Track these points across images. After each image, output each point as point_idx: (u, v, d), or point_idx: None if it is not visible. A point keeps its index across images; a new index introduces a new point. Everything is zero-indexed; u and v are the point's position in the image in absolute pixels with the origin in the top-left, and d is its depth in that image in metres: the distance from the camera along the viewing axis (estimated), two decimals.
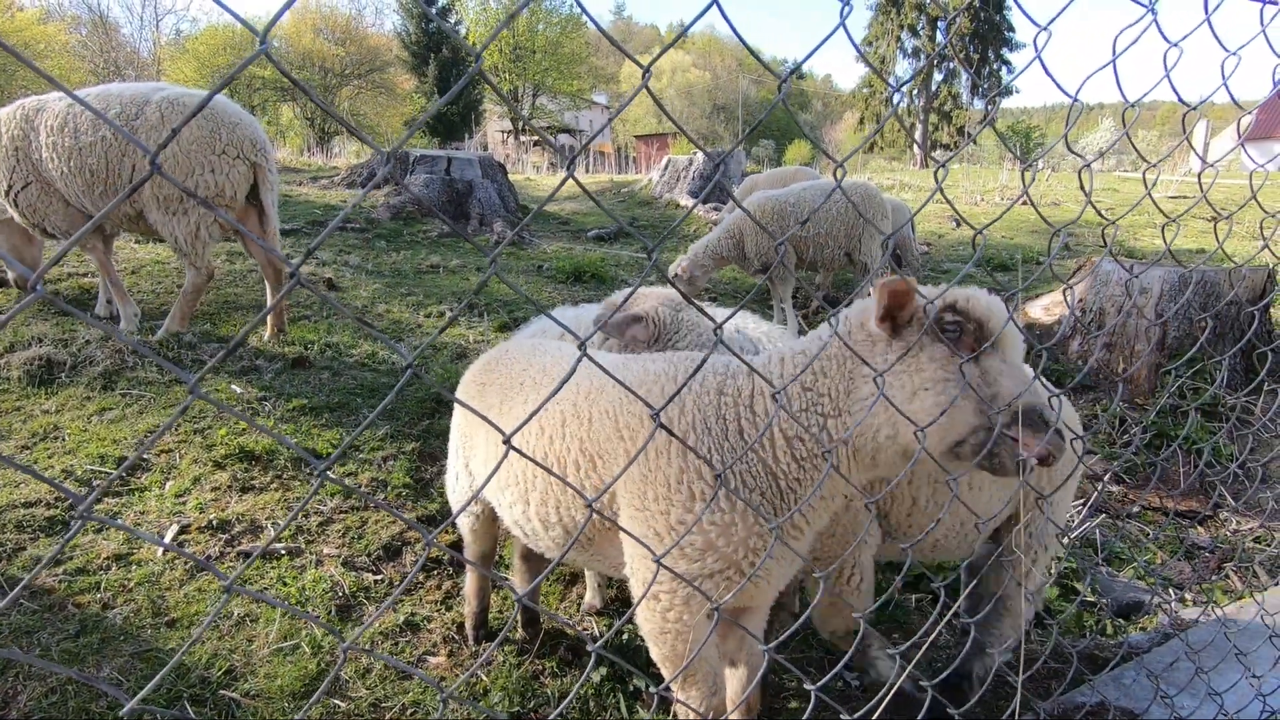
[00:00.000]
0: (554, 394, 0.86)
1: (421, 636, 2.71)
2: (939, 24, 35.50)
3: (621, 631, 2.66)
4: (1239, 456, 4.51)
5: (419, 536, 3.20)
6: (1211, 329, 4.46)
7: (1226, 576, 3.70)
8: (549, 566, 1.07)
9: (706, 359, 1.13)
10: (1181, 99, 1.19)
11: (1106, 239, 1.29)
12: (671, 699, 1.78)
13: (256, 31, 0.60)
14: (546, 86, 40.49)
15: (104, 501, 3.23)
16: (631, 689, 2.47)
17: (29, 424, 3.74)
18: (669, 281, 1.26)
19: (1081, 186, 1.08)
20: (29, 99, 4.65)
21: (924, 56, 36.49)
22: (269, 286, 4.99)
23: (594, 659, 0.88)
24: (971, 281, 7.99)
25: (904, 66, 37.75)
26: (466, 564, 1.23)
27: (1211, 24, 1.11)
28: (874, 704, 1.51)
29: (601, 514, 0.99)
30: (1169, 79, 1.11)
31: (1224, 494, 4.28)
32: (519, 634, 2.71)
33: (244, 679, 2.40)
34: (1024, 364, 1.52)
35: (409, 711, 2.36)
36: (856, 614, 1.26)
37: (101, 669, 2.37)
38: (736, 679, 1.94)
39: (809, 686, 1.21)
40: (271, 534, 3.13)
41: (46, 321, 4.83)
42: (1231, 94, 1.18)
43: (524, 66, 39.38)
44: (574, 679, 2.55)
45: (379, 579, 2.96)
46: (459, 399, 0.87)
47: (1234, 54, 1.21)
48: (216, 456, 3.58)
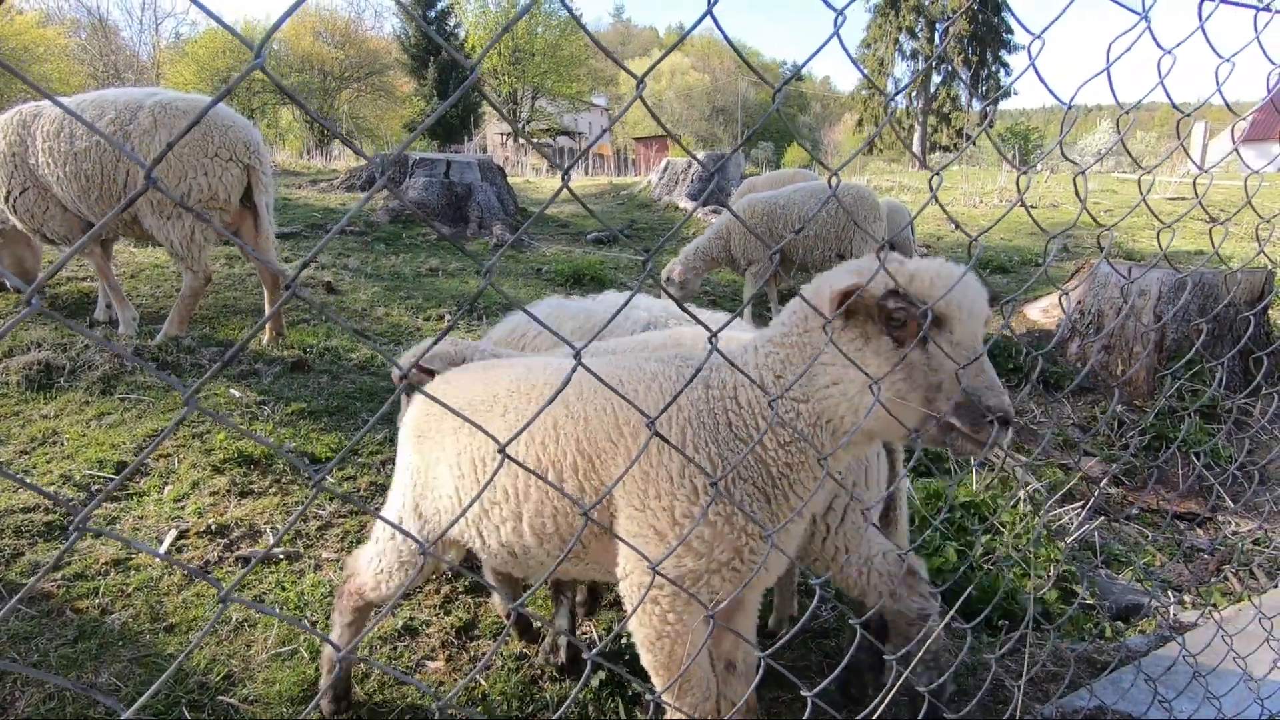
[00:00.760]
0: (550, 401, 0.86)
1: (420, 641, 2.71)
2: (937, 26, 35.57)
3: (620, 636, 2.65)
4: (1237, 458, 4.51)
5: None
6: (1209, 332, 4.49)
7: (1225, 579, 3.70)
8: (543, 575, 1.06)
9: (703, 365, 1.12)
10: (1176, 105, 1.19)
11: (1103, 244, 1.29)
12: (665, 706, 1.76)
13: (251, 45, 0.61)
14: (545, 89, 40.54)
15: (103, 506, 3.23)
16: (630, 693, 2.47)
17: (28, 429, 3.74)
18: (661, 287, 1.27)
19: (1077, 193, 1.08)
20: (27, 105, 4.66)
21: (922, 59, 36.55)
22: (266, 291, 4.99)
23: (589, 665, 0.88)
24: None
25: (902, 69, 37.81)
26: (328, 641, 1.19)
27: (1205, 31, 1.12)
28: (871, 708, 1.51)
29: (596, 521, 0.98)
30: (1164, 86, 1.11)
31: (1222, 496, 4.28)
32: (519, 645, 2.70)
33: (242, 684, 2.39)
34: (979, 335, 1.44)
35: (408, 716, 2.36)
36: (854, 620, 1.26)
37: (100, 674, 2.37)
38: (733, 680, 1.93)
39: (805, 693, 1.22)
40: (270, 539, 3.13)
41: (45, 326, 4.83)
42: (1226, 101, 1.18)
43: (523, 69, 39.42)
44: (573, 684, 2.55)
45: None
46: (467, 417, 0.87)
47: (1228, 60, 1.21)
48: (215, 461, 3.57)
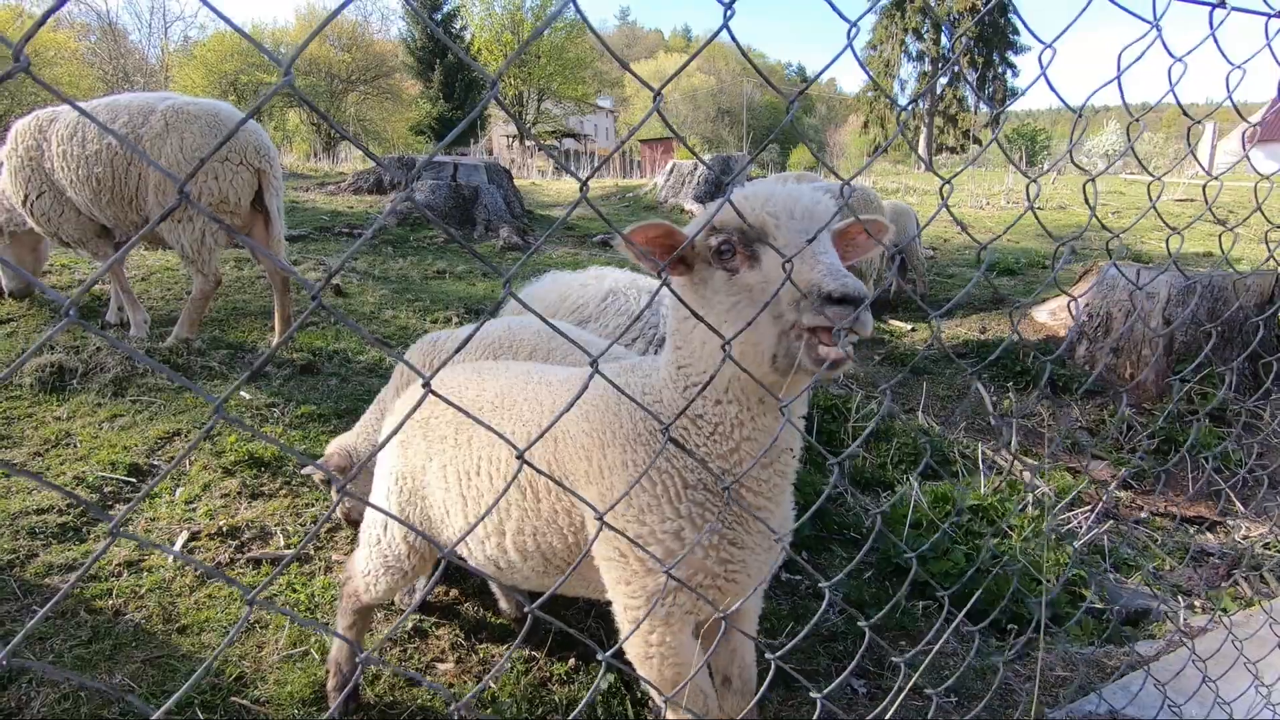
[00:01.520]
0: (568, 408, 0.87)
1: (429, 643, 2.72)
2: (943, 28, 35.49)
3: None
4: (1247, 462, 4.49)
5: None
6: (1219, 335, 4.47)
7: (1235, 583, 3.69)
8: (554, 585, 1.07)
9: (584, 388, 0.97)
10: (1186, 112, 1.20)
11: (1112, 250, 1.29)
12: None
13: (279, 62, 0.62)
14: (551, 91, 40.64)
15: (114, 509, 3.26)
16: (639, 695, 2.48)
17: (41, 430, 3.78)
18: (669, 288, 1.28)
19: (1086, 199, 1.09)
20: (44, 110, 4.72)
21: (929, 60, 36.48)
22: (276, 294, 5.03)
23: (604, 667, 0.90)
24: (979, 287, 7.96)
25: (908, 70, 37.77)
26: (335, 632, 1.19)
27: (1216, 39, 1.12)
28: (881, 709, 1.51)
29: (618, 531, 0.99)
30: (1174, 94, 1.12)
31: (1232, 500, 4.26)
32: (527, 650, 2.72)
33: (254, 685, 2.41)
34: (815, 238, 1.31)
35: (418, 717, 2.37)
36: (863, 623, 1.27)
37: (114, 675, 2.39)
38: (729, 695, 1.92)
39: (815, 695, 1.22)
40: (281, 540, 3.15)
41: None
42: (1236, 107, 1.19)
43: (529, 71, 39.53)
44: (581, 686, 2.56)
45: None
46: (472, 414, 0.88)
47: (1239, 67, 1.22)
48: (226, 463, 3.60)
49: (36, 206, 4.74)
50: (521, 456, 0.82)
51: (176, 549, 3.04)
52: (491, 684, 2.55)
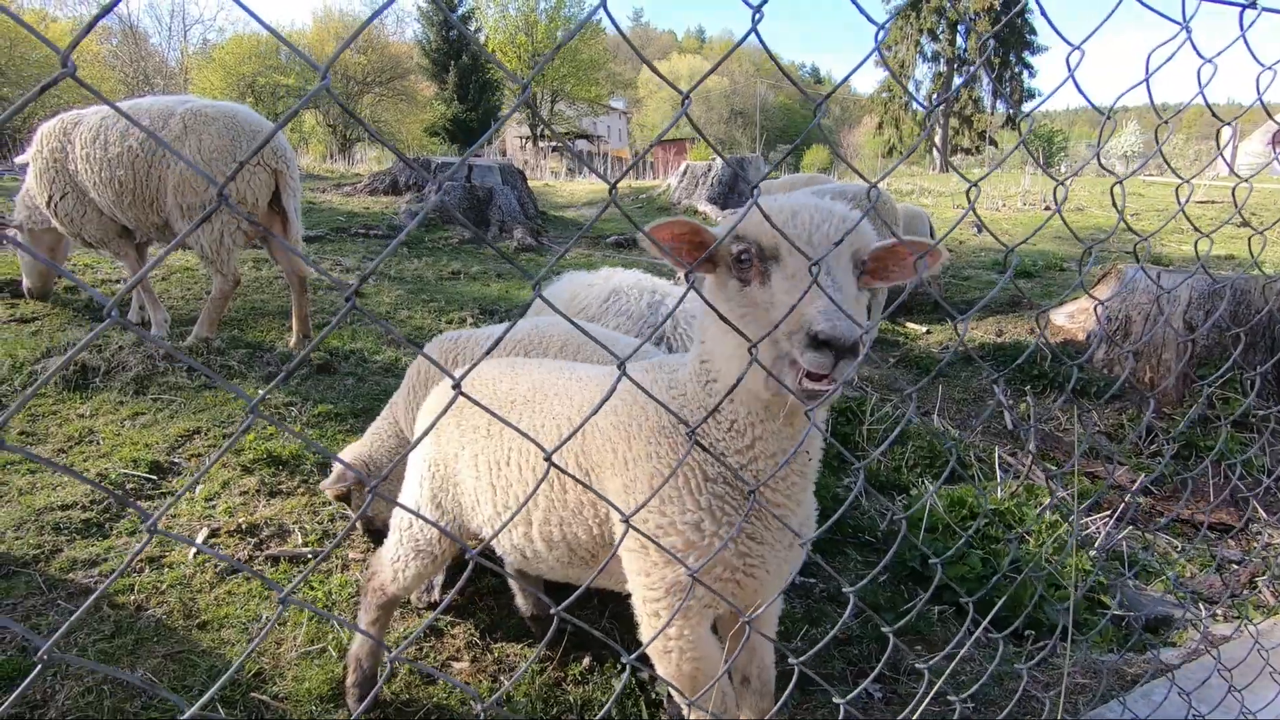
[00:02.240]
0: (596, 410, 0.87)
1: (445, 642, 2.74)
2: (959, 28, 35.25)
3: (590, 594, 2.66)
4: (1271, 468, 4.42)
5: None
6: (1246, 345, 4.38)
7: (1258, 591, 3.63)
8: (582, 585, 1.07)
9: (610, 394, 0.95)
10: (1216, 114, 1.19)
11: (1139, 255, 1.28)
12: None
13: (317, 66, 0.63)
14: (565, 92, 40.77)
15: (122, 502, 3.31)
16: (653, 696, 2.48)
17: (65, 428, 3.84)
18: (694, 289, 1.28)
19: (1114, 203, 1.08)
20: (69, 113, 4.80)
21: (944, 61, 36.23)
22: (294, 293, 5.08)
23: (628, 669, 0.90)
24: (991, 287, 7.92)
25: (923, 70, 37.54)
26: (350, 626, 1.18)
27: (1247, 40, 1.11)
28: (907, 714, 1.50)
29: (638, 529, 1.00)
30: (1204, 96, 1.11)
31: (1255, 507, 4.20)
32: (541, 650, 2.72)
33: (272, 681, 2.44)
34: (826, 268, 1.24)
35: (434, 715, 2.39)
36: (887, 629, 1.26)
37: (135, 669, 2.43)
38: (748, 695, 1.92)
39: (838, 700, 1.22)
40: (299, 538, 3.18)
41: (81, 328, 4.95)
42: (1266, 109, 1.17)
43: (543, 73, 39.66)
44: (596, 686, 2.56)
45: None
46: (501, 416, 0.88)
47: (1269, 68, 1.20)
48: (245, 461, 3.64)
49: (60, 207, 4.82)
50: (549, 459, 0.82)
51: (213, 549, 3.07)
52: (506, 683, 2.56)
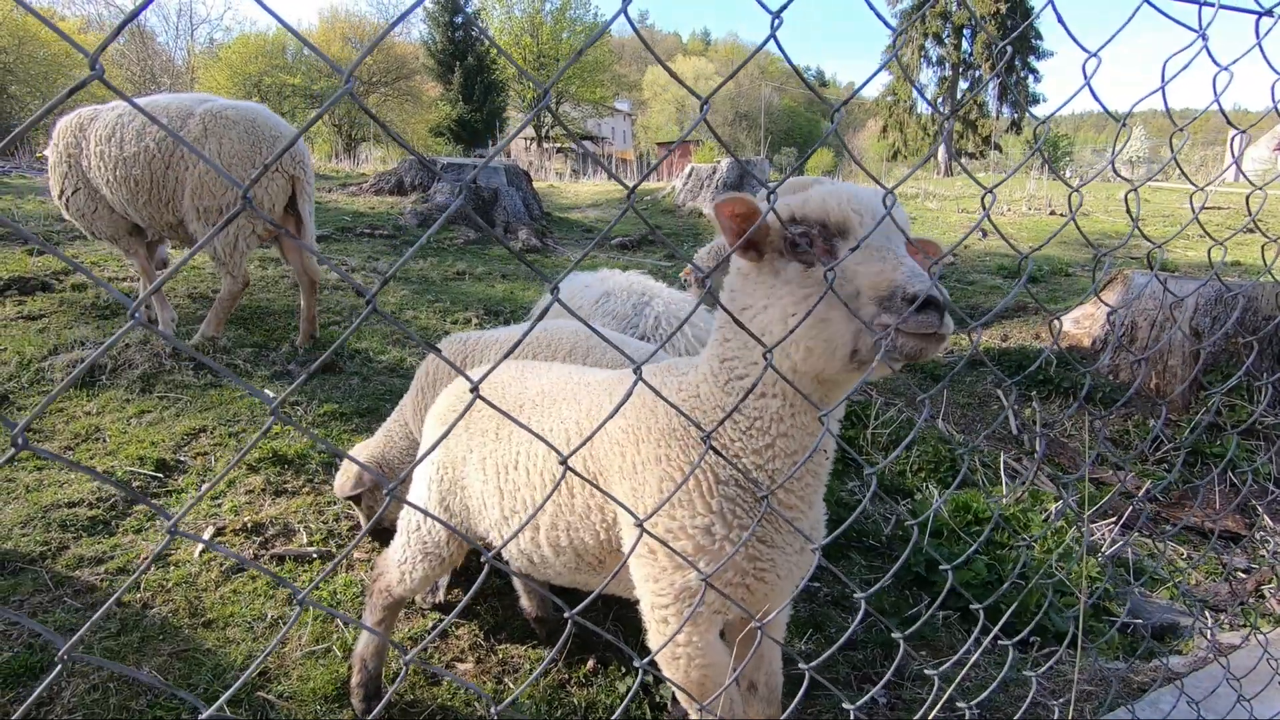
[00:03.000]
0: (612, 415, 0.87)
1: (449, 642, 2.74)
2: (964, 32, 35.22)
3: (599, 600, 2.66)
4: (1275, 475, 4.41)
5: None
6: (1256, 353, 4.34)
7: (1264, 598, 3.62)
8: (595, 591, 1.07)
9: (629, 395, 0.97)
10: (1230, 121, 1.18)
11: (1152, 263, 1.28)
12: None
13: (340, 70, 0.63)
14: (570, 94, 40.83)
15: (142, 504, 3.32)
16: (658, 699, 2.48)
17: (71, 425, 3.85)
18: (697, 281, 1.29)
19: (1128, 209, 1.07)
20: (86, 109, 4.82)
21: (948, 65, 36.19)
22: (303, 293, 5.09)
23: (639, 674, 0.90)
24: (997, 292, 7.88)
25: (928, 74, 37.51)
26: (358, 624, 1.18)
27: (1263, 48, 1.11)
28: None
29: (651, 533, 1.00)
30: (1219, 103, 1.11)
31: (1263, 515, 4.18)
32: (545, 651, 2.73)
33: (278, 681, 2.44)
34: (888, 234, 1.32)
35: (438, 716, 2.39)
36: (897, 635, 1.26)
37: (141, 667, 2.43)
38: (754, 701, 1.90)
39: (848, 706, 1.22)
40: (304, 537, 3.19)
41: (88, 325, 4.97)
42: None
43: (548, 74, 39.72)
44: (601, 689, 2.56)
45: None
46: (516, 419, 0.89)
47: None
48: (250, 460, 3.65)
49: (71, 202, 4.84)
50: (565, 462, 0.82)
51: (199, 546, 3.08)
52: (511, 685, 2.56)
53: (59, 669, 0.62)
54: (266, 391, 4.38)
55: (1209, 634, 2.79)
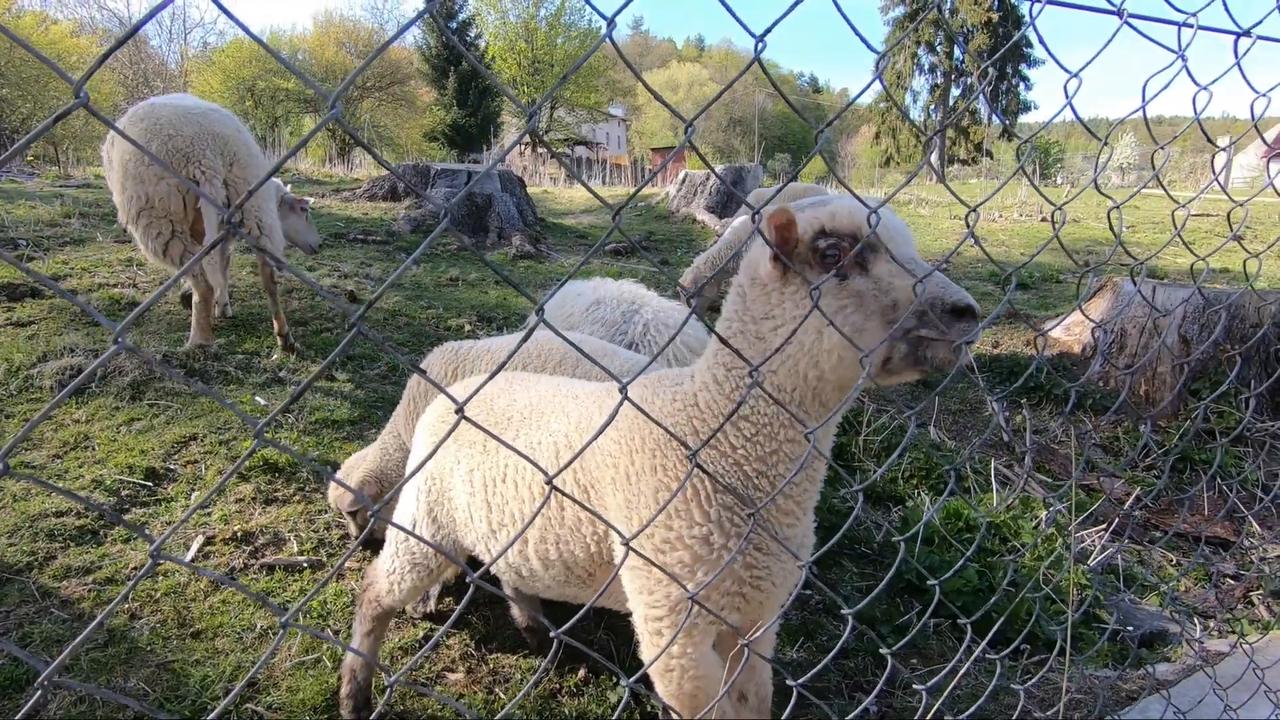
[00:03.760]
0: (596, 435, 0.87)
1: (440, 652, 2.73)
2: (957, 41, 35.48)
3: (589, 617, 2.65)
4: (1266, 483, 4.44)
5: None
6: (1242, 364, 4.38)
7: (1252, 605, 3.64)
8: (584, 607, 1.07)
9: (614, 416, 0.98)
10: (1210, 139, 1.20)
11: (1135, 278, 1.29)
12: None
13: (326, 95, 0.64)
14: (564, 99, 40.90)
15: (131, 512, 3.29)
16: (649, 709, 2.47)
17: (60, 433, 3.83)
18: (685, 299, 1.30)
19: (1111, 228, 1.09)
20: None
21: (940, 73, 36.44)
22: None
23: (628, 690, 0.90)
24: (988, 298, 7.93)
25: (920, 82, 37.75)
26: (344, 646, 1.15)
27: (1242, 68, 1.13)
28: None
29: (639, 552, 1.00)
30: (1199, 123, 1.12)
31: (1251, 522, 4.21)
32: (536, 660, 2.72)
33: (267, 692, 2.43)
34: (912, 252, 1.41)
35: None
36: (885, 650, 1.26)
37: (129, 679, 2.41)
38: (745, 712, 1.90)
39: (836, 718, 1.22)
40: (294, 546, 3.17)
41: (78, 332, 4.94)
42: (1262, 136, 1.18)
43: (542, 79, 39.81)
44: (592, 699, 2.56)
45: None
46: (503, 440, 0.89)
47: (1264, 95, 1.22)
48: (241, 468, 3.63)
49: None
50: (550, 482, 0.82)
51: (190, 555, 3.06)
52: (501, 694, 2.55)
53: (39, 694, 0.62)
54: (245, 397, 4.36)
55: (1196, 643, 2.81)
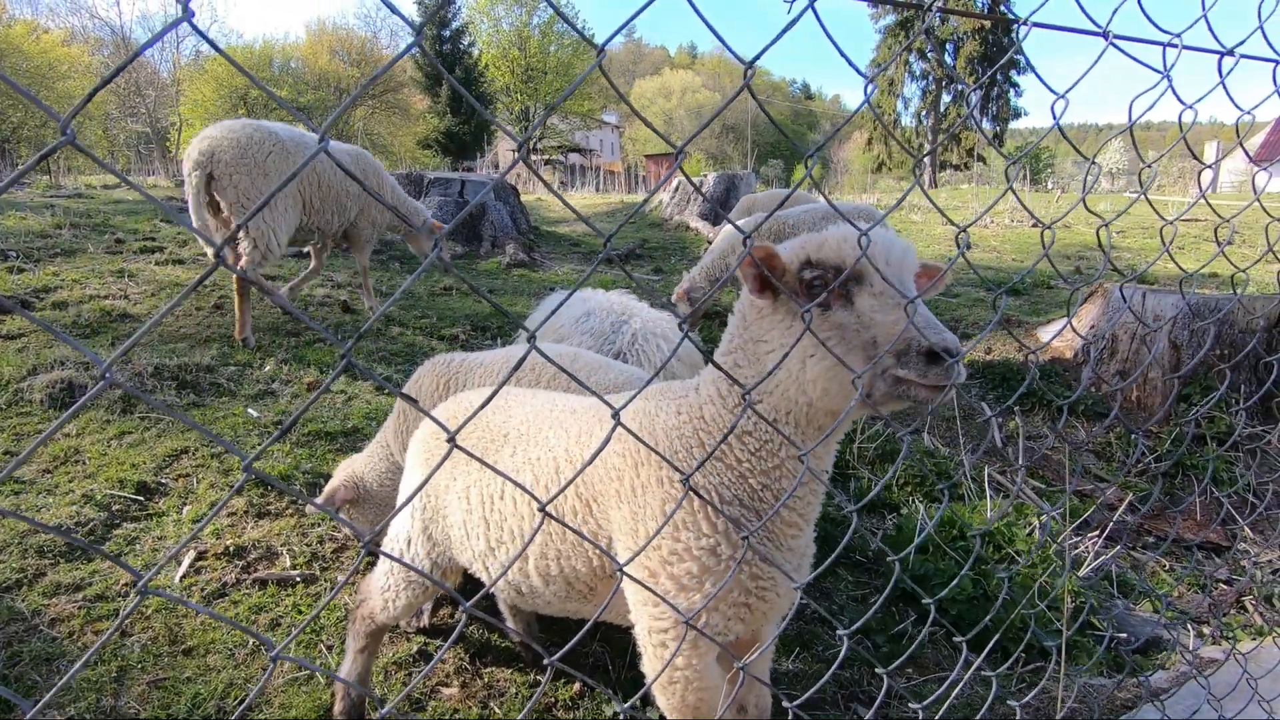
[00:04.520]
0: (589, 463, 0.87)
1: (436, 667, 2.71)
2: (947, 47, 35.77)
3: (637, 665, 2.64)
4: (1257, 487, 4.47)
5: None
6: (1230, 374, 4.38)
7: (1245, 610, 3.65)
8: (581, 630, 1.06)
9: (610, 436, 1.01)
10: (1195, 156, 1.22)
11: (1126, 299, 1.30)
12: None
13: (315, 129, 0.64)
14: (558, 107, 40.98)
15: (122, 527, 3.27)
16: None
17: (50, 447, 3.79)
18: (671, 308, 1.31)
19: (1100, 245, 1.10)
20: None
21: (932, 79, 36.70)
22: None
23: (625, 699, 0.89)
24: (980, 305, 7.97)
25: (912, 89, 38.01)
26: (334, 676, 1.13)
27: (1226, 87, 1.14)
28: None
29: (631, 576, 0.99)
30: (1185, 141, 1.14)
31: (1242, 525, 4.24)
32: (531, 675, 2.71)
33: (259, 709, 2.41)
34: (906, 283, 1.40)
35: None
36: (881, 670, 1.26)
37: (120, 698, 2.39)
38: None
39: None
40: (288, 561, 3.15)
41: (68, 346, 4.90)
42: (1247, 153, 1.21)
43: (535, 87, 39.93)
44: (587, 711, 2.55)
45: None
46: (502, 471, 0.89)
47: (1248, 113, 1.23)
48: (233, 482, 3.61)
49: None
50: (544, 509, 0.82)
51: (182, 570, 3.04)
52: (496, 709, 2.54)
53: None
54: (237, 408, 4.34)
55: (1189, 651, 2.82)
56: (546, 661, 0.82)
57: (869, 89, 0.88)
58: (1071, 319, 1.27)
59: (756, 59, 0.84)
